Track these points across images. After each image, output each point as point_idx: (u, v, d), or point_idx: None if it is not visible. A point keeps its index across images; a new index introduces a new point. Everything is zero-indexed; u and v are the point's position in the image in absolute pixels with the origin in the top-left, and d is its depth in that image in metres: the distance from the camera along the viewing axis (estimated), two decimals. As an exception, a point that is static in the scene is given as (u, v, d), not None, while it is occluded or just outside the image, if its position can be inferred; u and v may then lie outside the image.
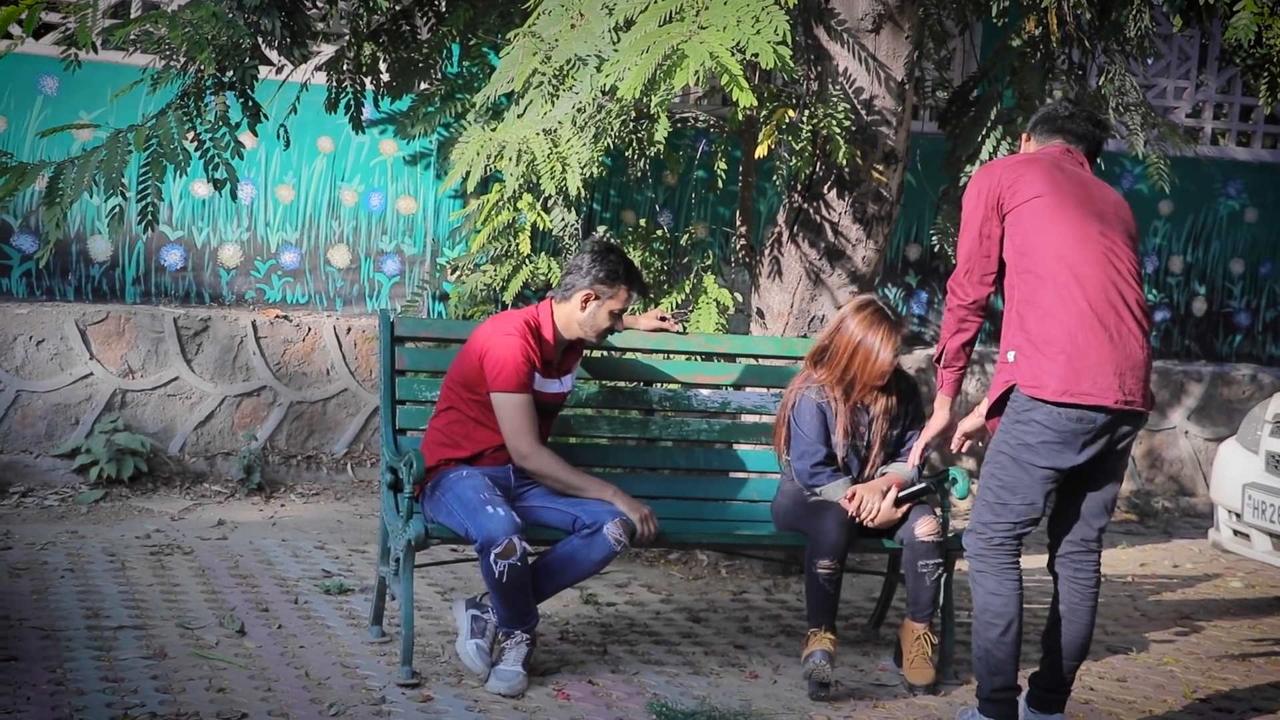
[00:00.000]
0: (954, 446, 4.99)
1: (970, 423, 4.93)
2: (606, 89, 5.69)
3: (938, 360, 4.88)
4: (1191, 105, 9.95)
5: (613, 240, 7.42)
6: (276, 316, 8.24)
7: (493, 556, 4.90)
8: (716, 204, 8.96)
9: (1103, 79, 7.32)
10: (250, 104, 6.40)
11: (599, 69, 5.71)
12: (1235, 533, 6.75)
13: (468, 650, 5.05)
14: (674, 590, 6.56)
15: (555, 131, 6.23)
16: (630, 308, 5.47)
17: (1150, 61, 9.62)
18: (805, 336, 6.55)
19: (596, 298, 5.26)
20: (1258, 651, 6.21)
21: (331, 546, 6.92)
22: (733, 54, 5.36)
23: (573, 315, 5.28)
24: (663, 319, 5.89)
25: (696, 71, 5.30)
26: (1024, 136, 4.99)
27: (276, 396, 8.19)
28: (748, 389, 6.06)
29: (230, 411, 8.11)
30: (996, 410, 4.69)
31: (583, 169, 6.28)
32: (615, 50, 5.63)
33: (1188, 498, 9.47)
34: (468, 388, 5.25)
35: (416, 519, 5.02)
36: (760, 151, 6.39)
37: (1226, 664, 5.98)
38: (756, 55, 5.38)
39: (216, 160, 6.25)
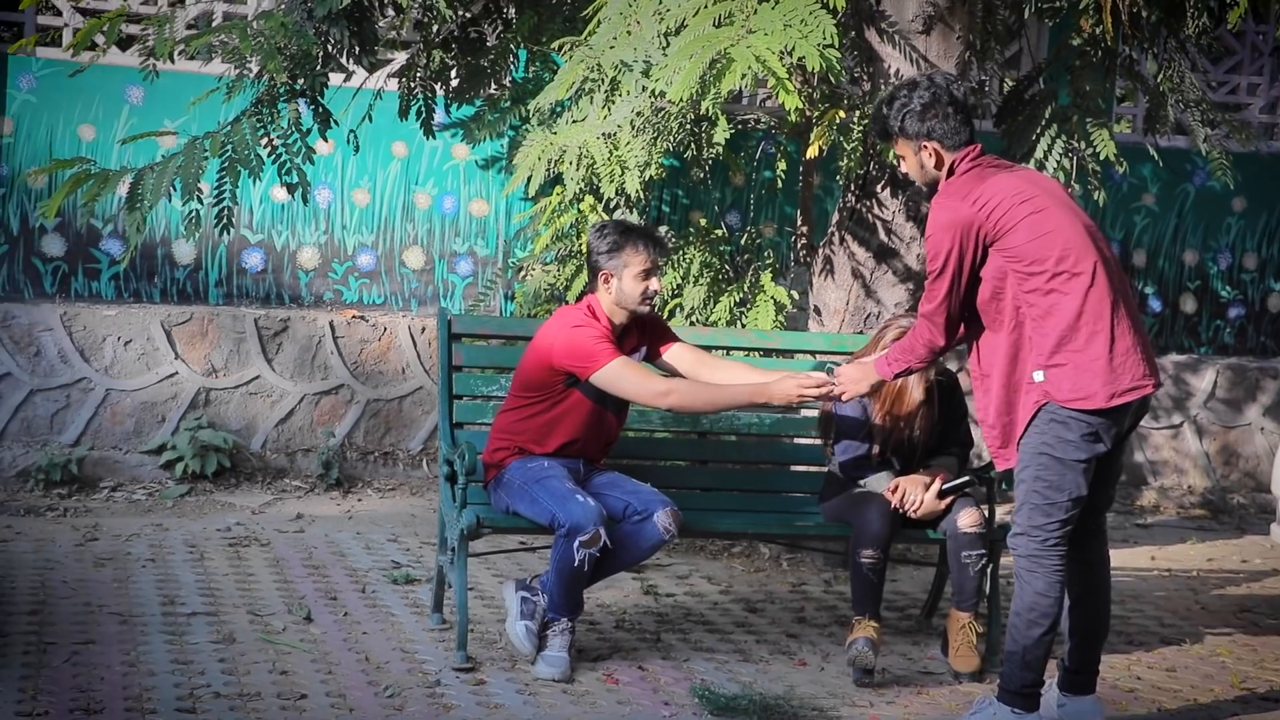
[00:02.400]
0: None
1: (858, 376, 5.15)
2: (655, 93, 5.86)
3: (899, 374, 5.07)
4: (1266, 101, 9.91)
5: (672, 239, 7.57)
6: (353, 317, 8.49)
7: (578, 544, 5.07)
8: (783, 204, 9.09)
9: (1161, 76, 7.37)
10: (321, 111, 6.64)
11: (646, 74, 5.88)
12: (1296, 527, 6.77)
13: (517, 631, 5.23)
14: (734, 582, 6.70)
15: (614, 135, 6.41)
16: (657, 264, 5.38)
17: (1210, 58, 9.60)
18: (861, 333, 6.67)
19: (612, 273, 5.36)
20: (1312, 644, 6.25)
21: (404, 539, 7.14)
22: (780, 58, 5.51)
23: (607, 299, 5.41)
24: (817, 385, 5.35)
25: (744, 75, 5.46)
26: (928, 146, 4.79)
27: (354, 394, 8.43)
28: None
29: (309, 409, 8.37)
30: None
31: (640, 171, 6.45)
32: (664, 55, 5.80)
33: (1264, 494, 9.44)
34: (535, 388, 5.39)
35: (469, 509, 5.21)
36: (811, 152, 6.53)
37: None
38: (803, 59, 5.53)
39: (289, 165, 6.50)
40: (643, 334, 5.58)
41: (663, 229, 8.54)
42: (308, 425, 8.35)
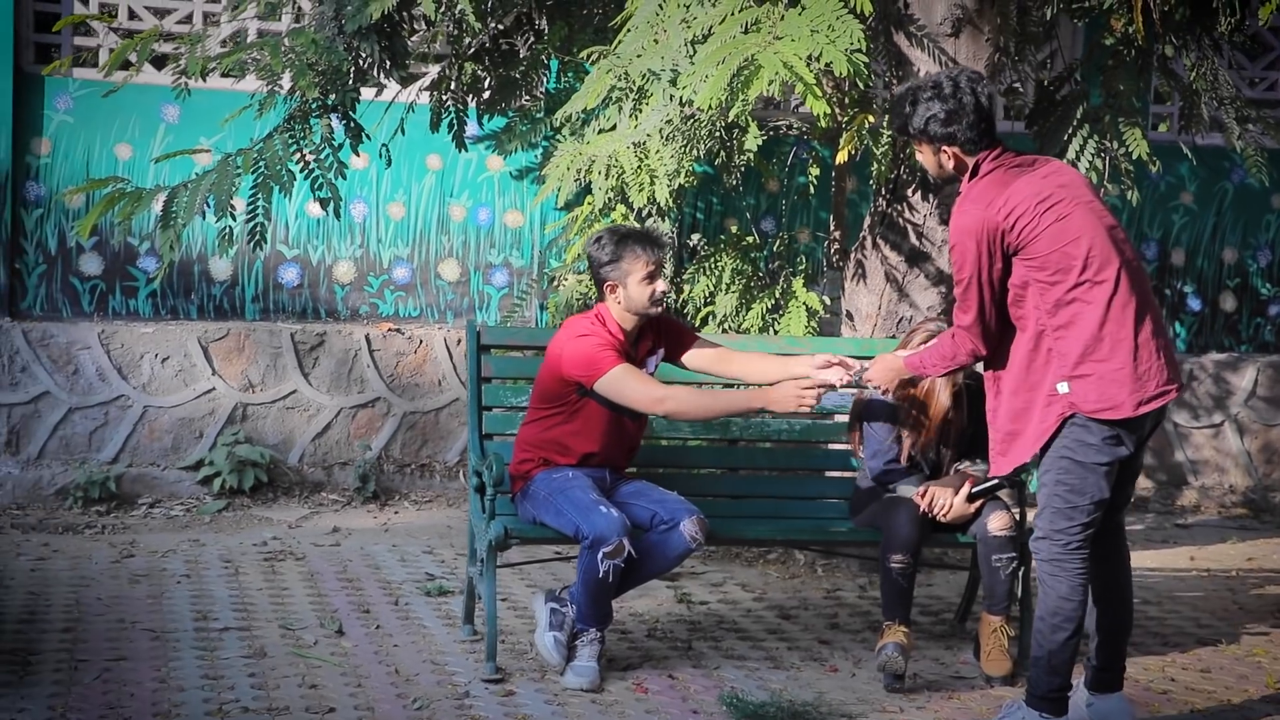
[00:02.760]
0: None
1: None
2: (684, 101, 5.86)
3: (927, 365, 5.00)
4: (1306, 96, 9.83)
5: (704, 246, 7.57)
6: (389, 330, 8.53)
7: (601, 555, 5.09)
8: (818, 209, 9.07)
9: (1194, 74, 7.31)
10: (353, 125, 6.68)
11: (673, 82, 5.88)
12: (1333, 526, 6.71)
13: (545, 642, 5.24)
14: (768, 589, 6.69)
15: (644, 144, 6.42)
16: (659, 265, 5.37)
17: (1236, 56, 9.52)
18: (893, 337, 6.65)
19: (617, 283, 5.37)
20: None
21: (439, 551, 7.16)
22: (808, 63, 5.50)
23: (617, 308, 5.41)
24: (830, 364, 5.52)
25: (771, 81, 5.45)
26: (946, 150, 4.77)
27: (390, 407, 8.47)
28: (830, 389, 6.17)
29: (346, 423, 8.41)
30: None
31: (670, 180, 6.46)
32: (691, 63, 5.80)
33: (1308, 493, 9.37)
34: (552, 399, 5.42)
35: (497, 521, 5.23)
36: (840, 157, 6.52)
37: (1317, 656, 5.97)
38: (830, 64, 5.52)
39: (321, 180, 6.54)
40: (659, 336, 5.59)
41: (695, 236, 8.55)
42: (344, 439, 8.40)
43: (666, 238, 7.38)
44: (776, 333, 7.13)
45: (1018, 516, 5.58)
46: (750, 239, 7.70)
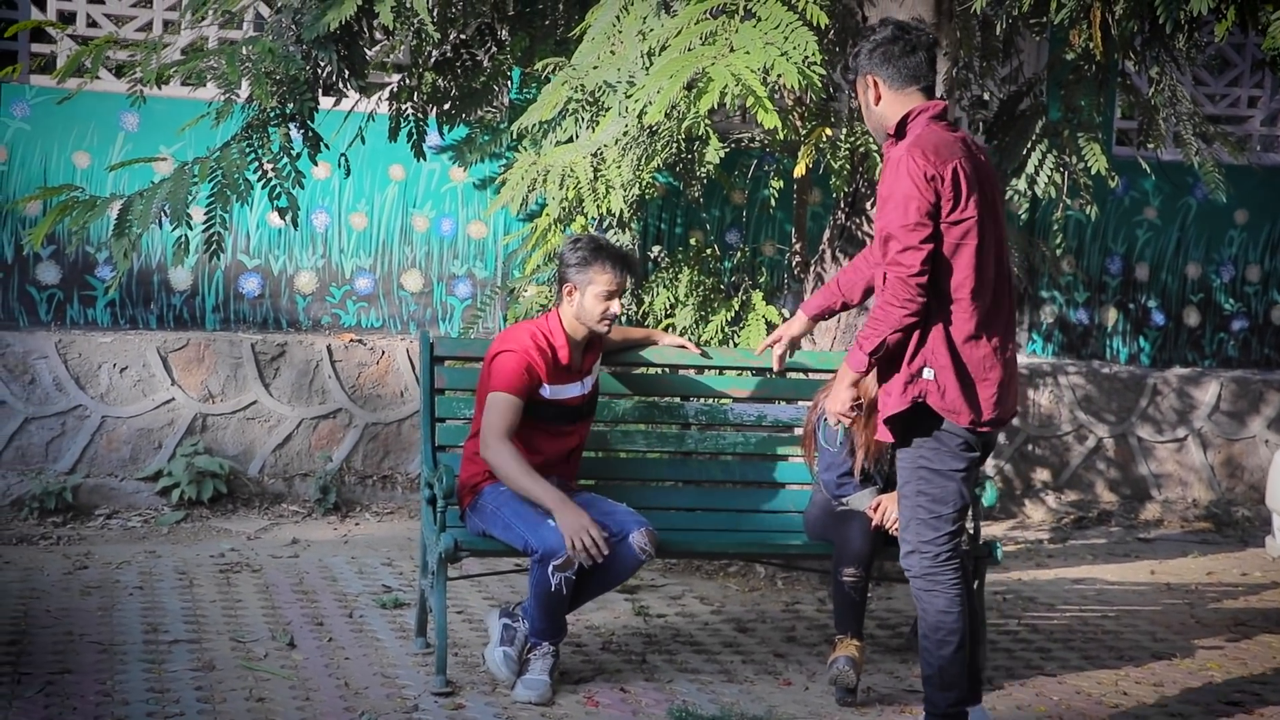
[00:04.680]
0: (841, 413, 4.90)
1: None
2: (637, 113, 5.85)
3: (874, 351, 4.60)
4: (1267, 113, 9.86)
5: (664, 259, 7.56)
6: (351, 340, 8.49)
7: (551, 568, 5.06)
8: (784, 222, 9.07)
9: (1153, 90, 7.34)
10: (310, 135, 6.65)
11: (628, 94, 5.87)
12: (1289, 540, 6.73)
13: (495, 657, 5.21)
14: (727, 602, 6.67)
15: (600, 155, 6.41)
16: (621, 287, 5.39)
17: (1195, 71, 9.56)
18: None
19: (576, 287, 5.38)
20: (1307, 658, 6.20)
21: (399, 563, 7.12)
22: (762, 76, 5.49)
23: (569, 312, 5.42)
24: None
25: (724, 94, 5.44)
26: (869, 78, 4.70)
27: (352, 418, 8.43)
28: (785, 402, 6.18)
29: (307, 434, 8.37)
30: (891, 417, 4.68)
31: (626, 191, 6.44)
32: (647, 75, 5.78)
33: (1267, 506, 9.36)
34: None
35: (448, 533, 5.20)
36: (799, 170, 6.52)
37: (1271, 672, 5.96)
38: (781, 77, 5.51)
39: (279, 190, 6.51)
40: (597, 355, 5.63)
41: (657, 248, 8.53)
42: (305, 450, 8.35)
43: (638, 267, 7.39)
44: (736, 345, 7.11)
45: (972, 529, 5.57)
46: (710, 251, 7.69)
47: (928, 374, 4.56)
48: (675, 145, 6.63)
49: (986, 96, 8.62)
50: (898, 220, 4.47)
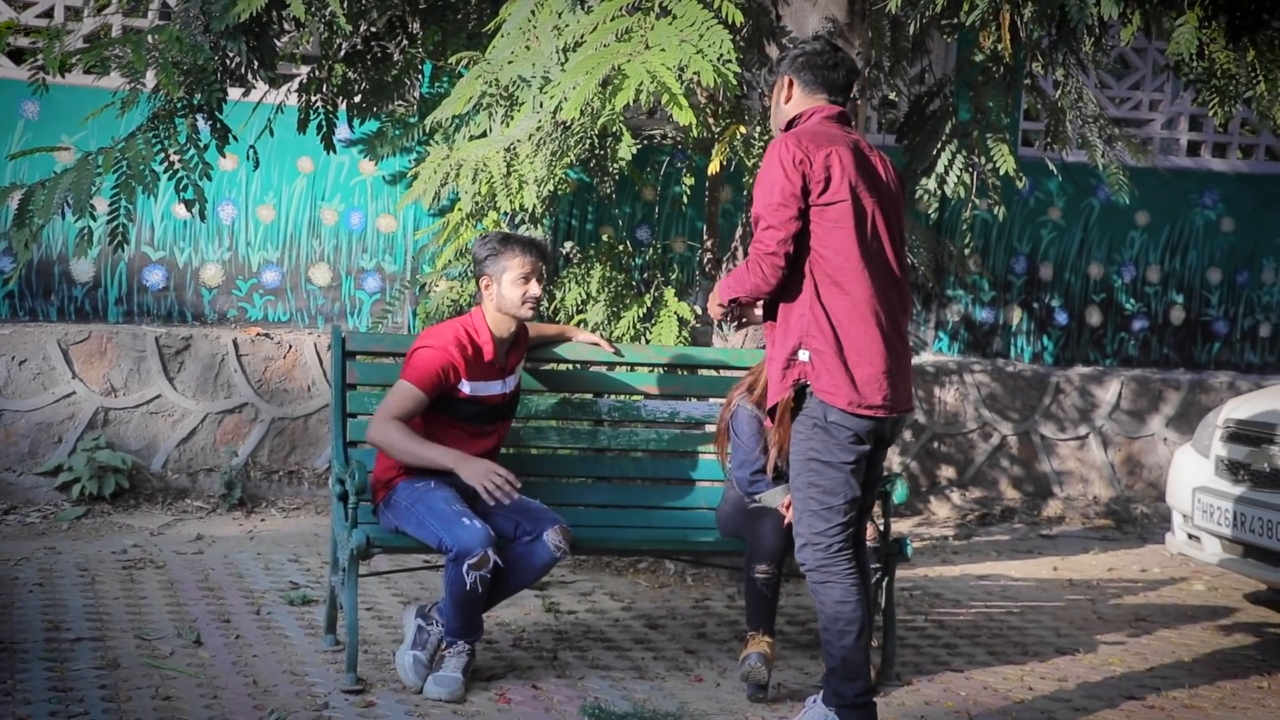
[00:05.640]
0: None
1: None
2: (553, 109, 5.83)
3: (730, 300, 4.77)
4: (1168, 117, 10.03)
5: (576, 254, 7.55)
6: (258, 334, 8.40)
7: (466, 567, 5.03)
8: (695, 219, 9.09)
9: (1060, 93, 7.43)
10: (219, 126, 6.56)
11: (542, 89, 5.85)
12: (1188, 536, 6.85)
13: (405, 661, 5.18)
14: (637, 598, 6.67)
15: (514, 150, 6.38)
16: (538, 269, 5.42)
17: (1103, 74, 9.70)
18: (762, 348, 6.66)
19: (492, 279, 5.40)
20: (1203, 652, 6.30)
21: (306, 559, 7.05)
22: (678, 73, 5.50)
23: (490, 306, 5.42)
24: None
25: (639, 91, 5.44)
26: (786, 79, 4.84)
27: (258, 413, 8.34)
28: (698, 399, 6.20)
29: (212, 428, 8.27)
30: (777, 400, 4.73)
31: (540, 186, 6.43)
32: (563, 71, 5.77)
33: (1166, 503, 9.53)
34: None
35: (359, 530, 5.16)
36: (713, 167, 6.53)
37: (1170, 665, 6.06)
38: (697, 75, 5.52)
39: (186, 181, 6.41)
40: (522, 353, 5.63)
41: (569, 244, 8.52)
42: (210, 444, 8.26)
43: (548, 252, 7.37)
44: (648, 342, 7.12)
45: (882, 527, 5.61)
46: (622, 247, 7.69)
47: (803, 355, 4.61)
48: (589, 141, 6.63)
49: (895, 97, 8.69)
50: (763, 200, 4.63)
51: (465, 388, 5.35)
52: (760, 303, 4.83)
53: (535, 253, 5.45)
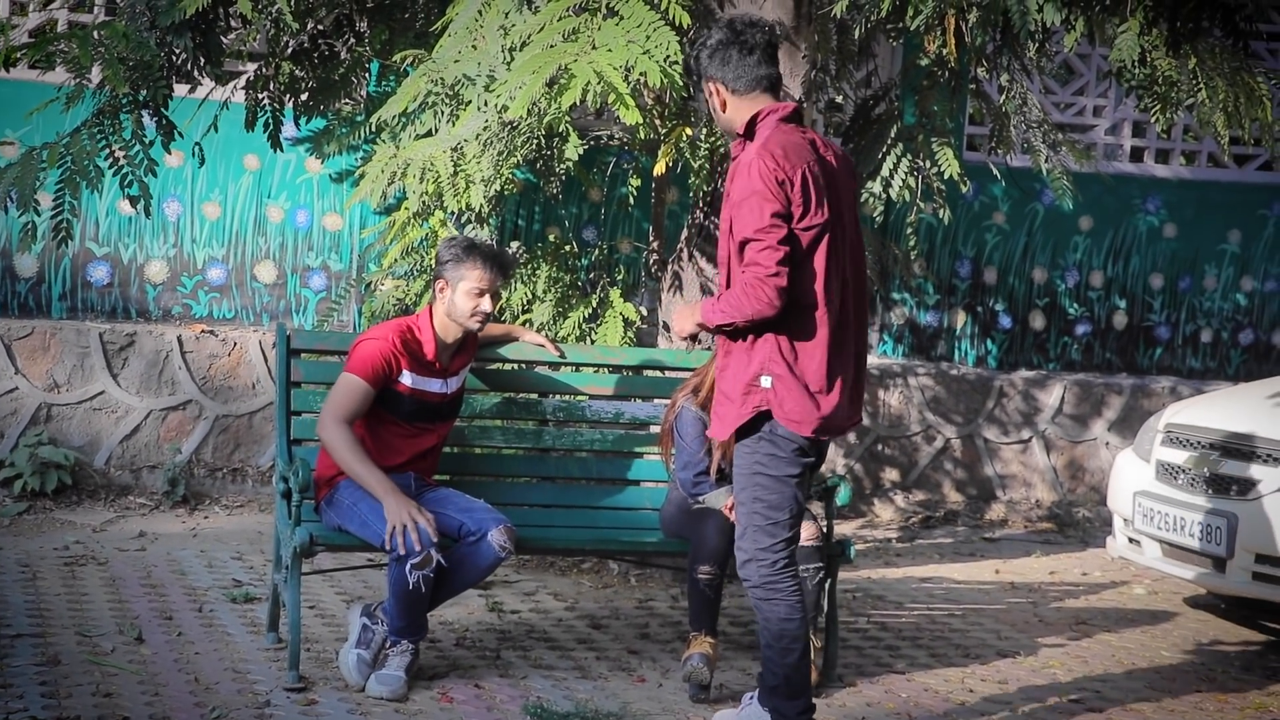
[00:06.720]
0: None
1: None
2: (498, 108, 5.84)
3: (720, 326, 4.57)
4: (1111, 123, 10.13)
5: (523, 254, 7.55)
6: (203, 331, 8.36)
7: (409, 567, 5.03)
8: (641, 220, 9.11)
9: (1004, 97, 7.50)
10: (164, 123, 6.53)
11: (488, 88, 5.86)
12: (1129, 540, 6.92)
13: (348, 660, 5.18)
14: (581, 598, 6.69)
15: (460, 150, 6.39)
16: (495, 286, 5.41)
17: (1046, 78, 9.78)
18: (708, 349, 6.69)
19: (449, 283, 5.40)
20: (1143, 655, 6.37)
21: (249, 557, 7.03)
22: (624, 74, 5.52)
23: (440, 309, 5.43)
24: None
25: (585, 91, 5.46)
26: (711, 86, 4.68)
27: (202, 410, 8.30)
28: (642, 400, 6.22)
29: (156, 425, 8.22)
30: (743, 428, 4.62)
31: (486, 186, 6.43)
32: (509, 70, 5.78)
33: (1108, 508, 9.62)
34: None
35: (302, 527, 5.15)
36: (659, 168, 6.55)
37: (1110, 668, 6.13)
38: (644, 74, 5.54)
39: (131, 178, 6.38)
40: (468, 357, 5.64)
41: (515, 244, 8.51)
42: (154, 441, 8.21)
43: (520, 259, 7.39)
44: (593, 342, 7.13)
45: (825, 528, 5.65)
46: (568, 248, 7.70)
47: (765, 382, 4.50)
48: (536, 141, 6.64)
49: (840, 99, 8.74)
50: (753, 223, 4.44)
51: (407, 379, 5.35)
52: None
53: (496, 269, 5.43)
